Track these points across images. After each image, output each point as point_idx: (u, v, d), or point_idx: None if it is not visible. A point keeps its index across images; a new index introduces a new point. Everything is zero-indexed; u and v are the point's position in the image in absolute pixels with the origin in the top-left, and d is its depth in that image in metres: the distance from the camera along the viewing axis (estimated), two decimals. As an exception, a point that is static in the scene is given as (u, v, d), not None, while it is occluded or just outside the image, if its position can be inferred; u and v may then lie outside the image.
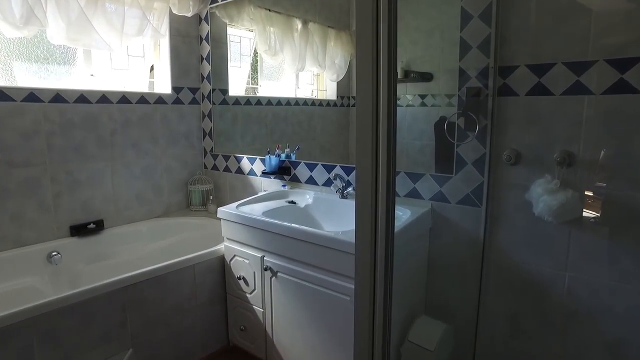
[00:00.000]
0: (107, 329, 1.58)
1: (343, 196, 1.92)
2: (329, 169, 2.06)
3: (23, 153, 1.95)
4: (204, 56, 2.62)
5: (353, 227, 1.65)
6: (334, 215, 1.89)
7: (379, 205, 0.90)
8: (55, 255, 2.01)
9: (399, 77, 1.83)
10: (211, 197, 2.61)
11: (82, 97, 2.11)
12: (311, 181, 2.15)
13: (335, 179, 1.92)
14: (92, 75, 2.22)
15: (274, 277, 1.72)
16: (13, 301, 1.75)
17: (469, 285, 1.64)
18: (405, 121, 1.87)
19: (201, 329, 1.92)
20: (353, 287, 1.47)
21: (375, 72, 0.83)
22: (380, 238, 0.92)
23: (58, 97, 2.03)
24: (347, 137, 2.22)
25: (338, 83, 2.27)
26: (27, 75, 2.04)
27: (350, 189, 1.91)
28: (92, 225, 2.18)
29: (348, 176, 1.97)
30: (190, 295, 1.85)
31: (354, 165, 1.97)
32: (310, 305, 1.61)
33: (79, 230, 2.14)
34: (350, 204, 1.87)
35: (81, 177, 2.15)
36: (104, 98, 2.20)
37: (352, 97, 2.18)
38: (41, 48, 2.07)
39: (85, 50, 2.19)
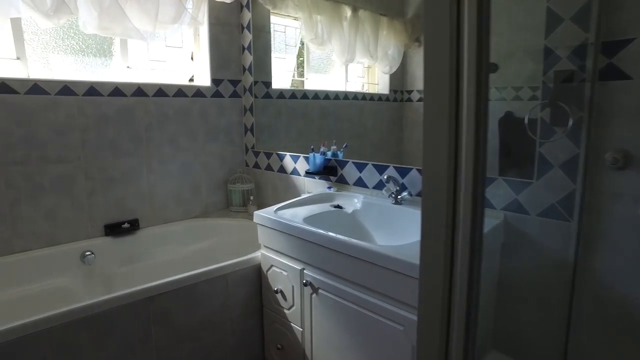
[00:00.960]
0: (129, 342, 1.44)
1: (397, 202, 1.66)
2: (380, 169, 1.81)
3: (57, 149, 1.86)
4: (246, 46, 2.44)
5: (409, 240, 1.41)
6: (387, 224, 1.64)
7: (459, 219, 0.65)
8: (88, 255, 1.92)
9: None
10: (251, 198, 2.44)
11: (117, 90, 2.00)
12: (360, 183, 1.91)
13: (388, 181, 1.66)
14: (128, 67, 2.11)
15: (314, 294, 1.50)
16: (45, 302, 1.68)
17: (553, 318, 1.33)
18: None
19: (234, 345, 1.74)
20: (410, 316, 1.24)
21: (455, 58, 0.59)
22: (461, 262, 0.66)
23: (92, 90, 1.93)
24: (400, 134, 1.97)
25: (391, 76, 2.02)
26: (62, 68, 1.96)
27: (405, 193, 1.65)
28: (126, 225, 2.08)
29: (403, 179, 1.71)
30: (222, 307, 1.67)
31: (410, 167, 1.72)
32: (355, 330, 1.37)
33: (114, 229, 2.04)
34: (405, 211, 1.61)
35: (116, 174, 2.05)
36: (139, 91, 2.08)
37: (407, 91, 1.93)
38: (76, 40, 1.98)
39: (121, 42, 2.08)
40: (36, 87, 1.79)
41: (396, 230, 1.59)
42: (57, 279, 1.83)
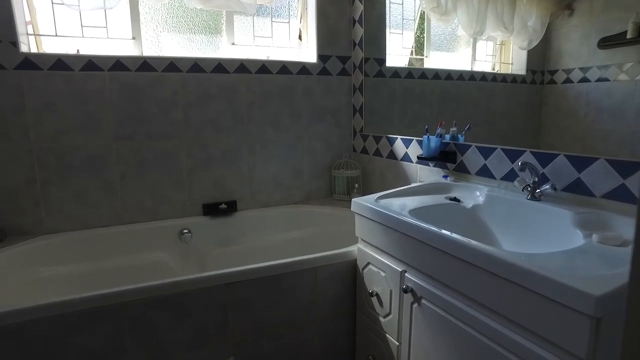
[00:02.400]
0: (204, 329, 1.33)
1: (533, 197, 1.26)
2: (512, 156, 1.42)
3: (161, 125, 1.87)
4: (357, 19, 2.20)
5: (548, 248, 1.03)
6: (517, 225, 1.25)
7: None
8: (186, 233, 1.91)
9: (630, 35, 1.19)
10: (356, 186, 2.20)
11: (220, 67, 1.94)
12: (485, 172, 1.53)
13: (522, 169, 1.26)
14: (233, 44, 2.04)
15: (416, 304, 1.20)
16: (143, 274, 1.69)
17: None
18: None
19: (321, 348, 1.53)
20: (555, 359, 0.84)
21: None
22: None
23: (196, 66, 1.90)
24: (537, 123, 1.54)
25: (529, 53, 1.61)
26: (171, 47, 1.97)
27: (546, 187, 1.23)
28: (224, 206, 2.02)
29: (544, 168, 1.29)
30: (308, 304, 1.47)
31: (556, 152, 1.29)
32: (468, 360, 1.04)
33: (211, 209, 2.00)
34: (545, 210, 1.20)
35: (216, 153, 2.00)
36: (242, 67, 1.99)
37: (549, 71, 1.50)
38: (186, 18, 1.97)
39: (227, 19, 2.01)
40: (145, 64, 1.81)
41: (531, 234, 1.20)
42: (156, 253, 1.85)
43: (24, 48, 1.66)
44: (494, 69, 1.88)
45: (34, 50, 1.74)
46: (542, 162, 1.31)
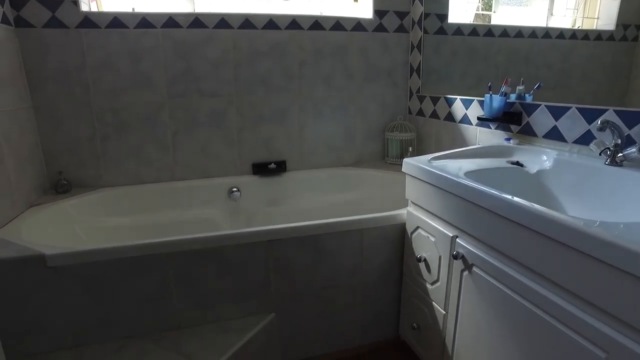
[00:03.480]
0: (245, 284, 1.34)
1: (613, 161, 1.10)
2: (590, 115, 1.25)
3: (212, 83, 1.87)
4: (418, -33, 2.03)
5: (632, 219, 0.88)
6: (591, 193, 1.11)
7: None
8: (235, 191, 1.93)
9: None
10: (410, 149, 2.09)
11: (271, 23, 1.88)
12: (554, 135, 1.37)
13: (603, 128, 1.10)
14: (285, -2, 1.97)
15: (466, 272, 1.12)
16: (192, 229, 1.74)
17: None
18: None
19: (363, 312, 1.50)
20: (618, 338, 0.70)
21: None
22: None
23: (247, 23, 1.85)
24: (625, 86, 1.34)
25: (622, 4, 1.38)
26: (223, 2, 1.93)
27: (632, 150, 1.07)
28: (272, 166, 2.01)
29: (630, 129, 1.12)
30: (353, 267, 1.43)
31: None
32: (524, 338, 0.95)
33: (261, 169, 2.00)
34: (629, 176, 1.05)
35: (266, 112, 1.98)
36: (294, 23, 1.91)
37: None
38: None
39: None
40: (197, 21, 1.79)
41: (606, 202, 1.05)
42: (206, 210, 1.89)
43: (84, 7, 1.70)
44: (574, 25, 1.64)
45: (93, 9, 1.78)
46: (628, 122, 1.13)
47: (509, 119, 1.53)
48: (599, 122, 1.09)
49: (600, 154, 1.14)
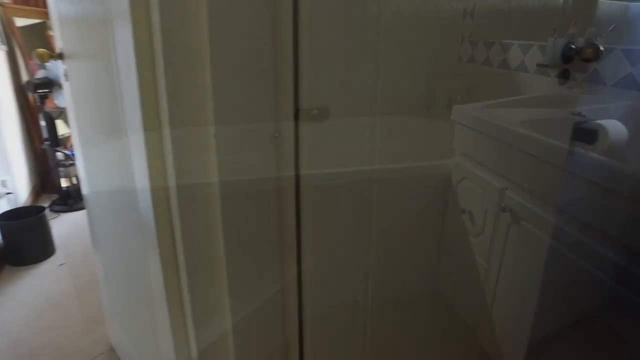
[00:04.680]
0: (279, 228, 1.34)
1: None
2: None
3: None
4: None
5: None
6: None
7: None
8: (276, 136, 1.91)
9: None
10: (459, 98, 1.98)
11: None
12: (628, 83, 1.24)
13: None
14: None
15: (514, 224, 1.08)
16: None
17: None
18: None
19: (402, 267, 1.48)
20: None
21: None
22: None
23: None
24: None
25: None
26: None
27: None
28: (315, 112, 1.97)
29: None
30: (393, 216, 1.41)
31: None
32: (571, 292, 0.92)
33: (303, 114, 1.96)
34: None
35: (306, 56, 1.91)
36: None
37: None
38: None
39: None
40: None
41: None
42: (243, 153, 1.90)
43: None
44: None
45: None
46: None
47: (574, 66, 1.40)
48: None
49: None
